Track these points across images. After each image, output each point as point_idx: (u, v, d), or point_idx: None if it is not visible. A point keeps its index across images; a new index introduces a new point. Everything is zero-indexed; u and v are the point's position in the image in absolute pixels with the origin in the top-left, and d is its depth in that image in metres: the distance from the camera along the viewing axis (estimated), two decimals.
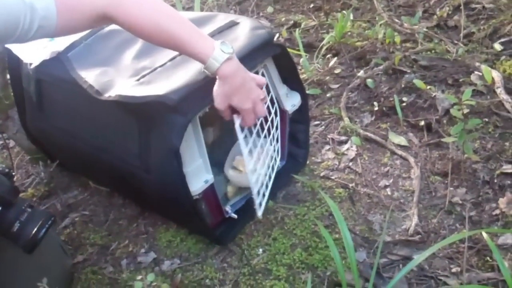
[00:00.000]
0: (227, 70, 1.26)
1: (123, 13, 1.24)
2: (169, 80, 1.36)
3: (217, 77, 1.28)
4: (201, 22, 1.59)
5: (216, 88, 1.30)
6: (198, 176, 1.45)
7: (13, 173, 1.36)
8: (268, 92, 1.61)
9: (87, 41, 1.59)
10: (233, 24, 1.56)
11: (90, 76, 1.44)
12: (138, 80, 1.41)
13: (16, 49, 1.65)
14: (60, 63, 1.53)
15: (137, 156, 1.42)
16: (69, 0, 1.19)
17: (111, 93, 1.37)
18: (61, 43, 1.58)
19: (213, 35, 1.52)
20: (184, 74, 1.37)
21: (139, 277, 1.16)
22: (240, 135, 1.37)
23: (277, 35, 2.59)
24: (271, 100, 1.62)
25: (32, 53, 1.61)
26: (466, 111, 1.62)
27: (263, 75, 1.57)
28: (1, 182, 1.26)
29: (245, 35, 1.51)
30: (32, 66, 1.57)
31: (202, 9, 2.88)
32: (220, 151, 1.81)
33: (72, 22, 1.20)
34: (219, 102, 1.31)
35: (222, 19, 1.58)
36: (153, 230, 1.70)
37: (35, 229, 1.25)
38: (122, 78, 1.43)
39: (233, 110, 1.35)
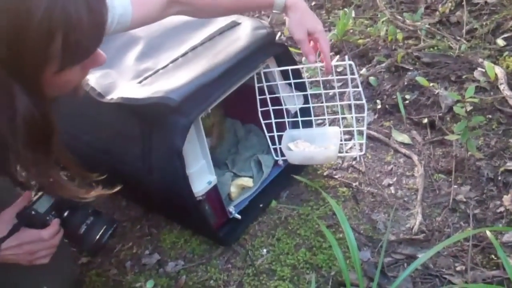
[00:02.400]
0: None
1: None
2: (171, 81, 1.36)
3: (287, 11, 1.43)
4: (203, 22, 1.59)
5: (289, 21, 1.44)
6: (201, 177, 1.45)
7: None
8: (271, 92, 1.61)
9: None
10: (234, 25, 1.56)
11: (92, 79, 1.44)
12: (140, 82, 1.41)
13: None
14: None
15: (140, 157, 1.42)
16: None
17: (113, 96, 1.37)
18: None
19: (214, 36, 1.52)
20: (186, 76, 1.37)
21: (138, 284, 1.15)
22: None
23: (279, 34, 2.59)
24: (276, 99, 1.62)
25: None
26: (469, 108, 1.62)
27: (265, 75, 1.57)
28: None
29: (247, 35, 1.51)
30: None
31: None
32: (222, 152, 1.81)
33: (145, 13, 1.28)
34: (297, 31, 1.44)
35: (223, 19, 1.58)
36: (157, 231, 1.70)
37: (100, 233, 1.27)
38: (124, 80, 1.43)
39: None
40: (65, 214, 1.25)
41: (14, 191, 1.38)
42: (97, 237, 1.27)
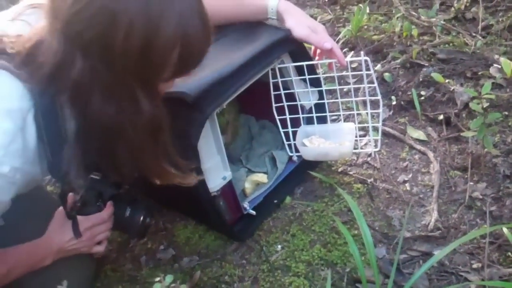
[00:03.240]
0: (285, 2, 1.49)
1: None
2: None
3: (282, 16, 1.49)
4: None
5: (288, 25, 1.48)
6: (216, 173, 1.45)
7: None
8: (286, 88, 1.61)
9: None
10: (249, 22, 1.56)
11: None
12: None
13: None
14: None
15: None
16: None
17: None
18: None
19: (228, 33, 1.52)
20: (201, 71, 1.36)
21: (157, 279, 1.17)
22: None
23: None
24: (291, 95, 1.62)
25: None
26: (485, 104, 1.60)
27: (279, 70, 1.56)
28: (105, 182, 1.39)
29: (262, 31, 1.51)
30: None
31: None
32: (236, 148, 1.81)
33: None
34: (299, 29, 1.48)
35: None
36: (171, 226, 1.70)
37: (143, 215, 1.41)
38: None
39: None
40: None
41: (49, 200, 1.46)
42: (141, 218, 1.41)
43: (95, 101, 0.98)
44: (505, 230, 1.31)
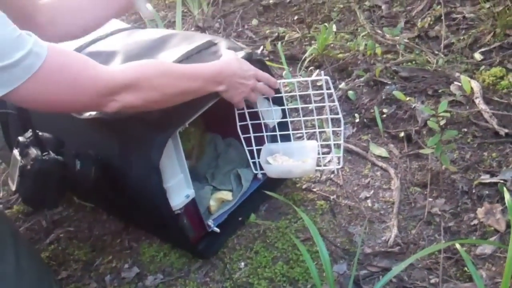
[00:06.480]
0: None
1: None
2: None
3: None
4: (180, 41, 1.60)
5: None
6: (179, 191, 1.46)
7: None
8: (249, 106, 1.63)
9: None
10: (211, 44, 1.57)
11: None
12: None
13: None
14: None
15: (119, 172, 1.44)
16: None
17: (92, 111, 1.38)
18: None
19: (191, 54, 1.54)
20: None
21: None
22: None
23: (262, 48, 2.62)
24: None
25: None
26: (443, 122, 1.65)
27: None
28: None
29: (225, 52, 1.53)
30: None
31: (187, 22, 2.90)
32: (202, 166, 1.83)
33: None
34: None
35: (200, 38, 1.59)
36: (137, 245, 1.71)
37: (94, 168, 1.40)
38: None
39: None
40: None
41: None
42: (93, 170, 1.40)
43: None
44: (458, 246, 1.34)
